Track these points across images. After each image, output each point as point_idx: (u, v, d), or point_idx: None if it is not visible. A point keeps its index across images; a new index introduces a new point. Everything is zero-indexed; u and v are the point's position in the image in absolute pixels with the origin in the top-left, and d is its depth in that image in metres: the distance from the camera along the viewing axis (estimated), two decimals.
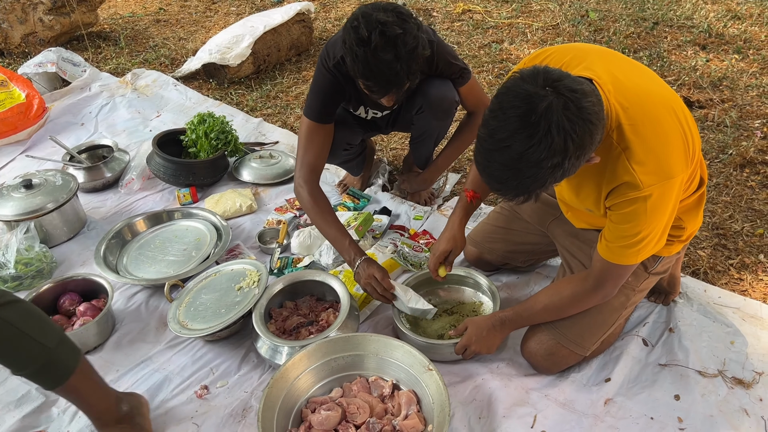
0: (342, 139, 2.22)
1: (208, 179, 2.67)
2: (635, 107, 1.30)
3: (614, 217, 1.39)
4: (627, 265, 1.47)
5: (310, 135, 2.01)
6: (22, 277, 2.14)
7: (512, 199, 1.26)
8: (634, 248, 1.40)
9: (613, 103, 1.29)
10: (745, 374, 1.70)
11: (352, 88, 2.00)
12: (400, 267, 2.15)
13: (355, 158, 2.48)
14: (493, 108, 1.18)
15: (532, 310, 1.68)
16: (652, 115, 1.31)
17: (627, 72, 1.37)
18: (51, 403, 1.74)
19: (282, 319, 1.90)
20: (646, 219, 1.33)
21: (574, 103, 1.13)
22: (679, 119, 1.34)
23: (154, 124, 3.26)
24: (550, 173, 1.17)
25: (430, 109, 2.10)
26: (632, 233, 1.37)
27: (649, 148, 1.29)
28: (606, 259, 1.46)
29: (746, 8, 4.21)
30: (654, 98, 1.35)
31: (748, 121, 2.93)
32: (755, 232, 2.25)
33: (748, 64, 3.46)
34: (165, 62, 4.02)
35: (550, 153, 1.13)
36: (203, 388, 1.77)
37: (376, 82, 1.71)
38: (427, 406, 1.57)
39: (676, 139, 1.32)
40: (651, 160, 1.29)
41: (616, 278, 1.52)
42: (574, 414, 1.63)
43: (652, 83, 1.40)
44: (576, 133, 1.13)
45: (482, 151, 1.21)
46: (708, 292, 1.97)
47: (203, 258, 2.19)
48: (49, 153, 2.93)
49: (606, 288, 1.55)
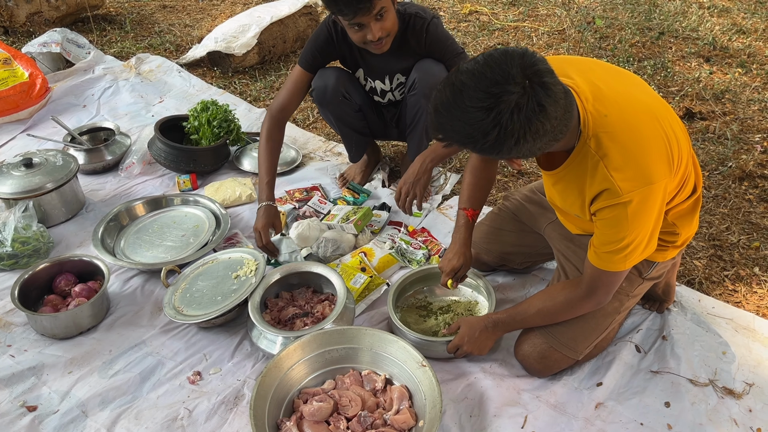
0: (343, 80, 2.26)
1: (209, 167, 2.66)
2: (614, 115, 1.32)
3: (599, 224, 1.40)
4: (617, 271, 1.47)
5: (294, 78, 2.20)
6: (19, 255, 2.13)
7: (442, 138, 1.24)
8: (621, 254, 1.40)
9: (590, 111, 1.31)
10: (736, 385, 1.71)
11: (347, 48, 2.16)
12: (397, 263, 2.15)
13: (354, 134, 2.46)
14: (471, 68, 1.16)
15: (526, 313, 1.68)
16: (632, 122, 1.33)
17: (608, 81, 1.39)
18: (42, 384, 1.74)
19: (278, 309, 1.90)
20: (629, 225, 1.34)
21: (540, 97, 1.12)
22: (663, 126, 1.35)
23: (157, 109, 3.25)
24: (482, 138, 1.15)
25: (420, 84, 2.14)
26: (617, 239, 1.38)
27: (628, 155, 1.30)
28: (595, 265, 1.47)
29: (752, 23, 4.23)
30: (635, 105, 1.36)
31: (749, 134, 2.94)
32: (751, 245, 2.26)
33: (751, 78, 3.48)
34: (170, 48, 4.01)
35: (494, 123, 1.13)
36: (196, 374, 1.77)
37: (339, 2, 1.82)
38: (419, 402, 1.58)
39: (657, 145, 1.33)
40: (630, 167, 1.30)
41: (607, 285, 1.53)
42: (564, 416, 1.64)
43: (636, 90, 1.42)
44: (531, 126, 1.13)
45: (443, 90, 1.19)
46: (702, 302, 1.98)
47: (201, 245, 2.19)
48: (50, 133, 2.92)
49: (598, 295, 1.55)
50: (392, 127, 2.48)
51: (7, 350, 1.84)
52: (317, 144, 2.93)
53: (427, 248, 2.21)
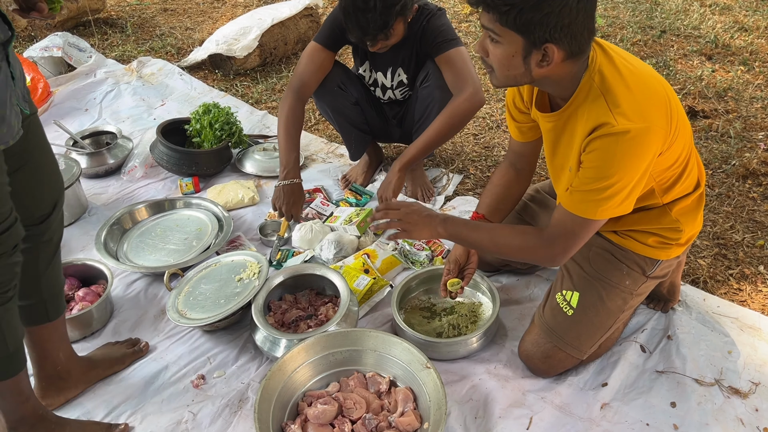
0: (339, 73, 2.29)
1: (211, 169, 2.66)
2: (622, 63, 1.35)
3: (586, 160, 1.35)
4: (586, 219, 1.39)
5: (312, 54, 2.18)
6: None
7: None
8: (599, 196, 1.34)
9: (599, 53, 1.35)
10: (742, 384, 1.70)
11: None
12: (400, 264, 2.15)
13: (353, 129, 2.44)
14: None
15: (479, 229, 1.57)
16: (638, 73, 1.36)
17: (618, 50, 1.42)
18: None
19: (281, 311, 1.90)
20: (617, 162, 1.30)
21: None
22: (667, 93, 1.38)
23: (159, 112, 3.25)
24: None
25: (434, 75, 2.12)
26: (601, 176, 1.32)
27: (630, 95, 1.31)
28: (565, 207, 1.41)
29: (753, 20, 4.22)
30: (645, 68, 1.39)
31: (752, 132, 2.93)
32: (756, 243, 2.25)
33: (754, 76, 3.47)
34: (171, 51, 4.02)
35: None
36: (200, 378, 1.76)
37: (350, 24, 1.91)
38: (423, 404, 1.57)
39: (659, 99, 1.35)
40: (630, 106, 1.30)
41: (569, 237, 1.43)
42: (570, 417, 1.63)
43: (645, 64, 1.44)
44: None
45: None
46: (707, 301, 1.97)
47: (204, 248, 2.19)
48: (52, 137, 2.86)
49: (555, 246, 1.45)
50: (394, 126, 2.47)
51: None
52: (319, 146, 2.93)
53: (431, 249, 2.20)
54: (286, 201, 2.10)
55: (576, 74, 1.35)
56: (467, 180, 2.67)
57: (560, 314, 1.67)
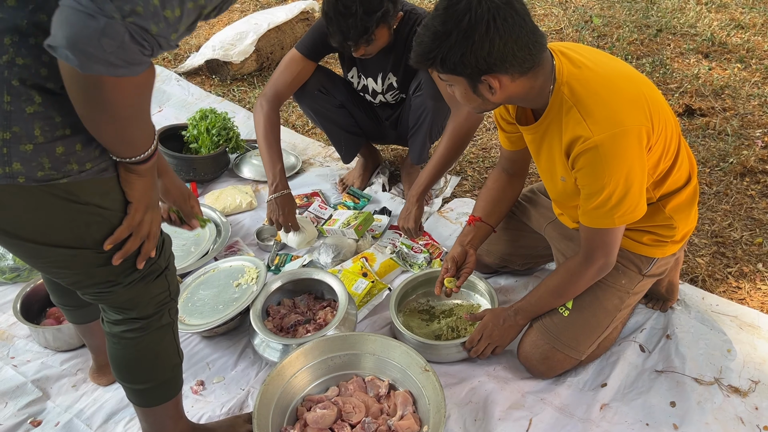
0: (320, 76, 2.28)
1: (209, 175, 2.66)
2: (587, 70, 1.38)
3: (578, 177, 1.41)
4: (608, 228, 1.45)
5: (289, 62, 2.17)
6: (20, 268, 2.13)
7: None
8: (605, 208, 1.39)
9: (564, 63, 1.37)
10: (741, 383, 1.70)
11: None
12: (398, 267, 2.15)
13: (342, 132, 2.44)
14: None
15: (538, 294, 1.68)
16: (606, 76, 1.39)
17: (589, 54, 1.43)
18: (45, 397, 1.74)
19: (279, 316, 1.90)
20: (604, 171, 1.34)
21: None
22: (641, 89, 1.39)
23: (156, 118, 3.24)
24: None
25: (427, 84, 2.12)
26: (597, 189, 1.37)
27: (599, 100, 1.34)
28: (586, 225, 1.48)
29: (749, 18, 4.22)
30: (613, 69, 1.42)
31: (749, 130, 2.93)
32: (754, 241, 2.25)
33: (751, 73, 3.47)
34: (168, 57, 4.02)
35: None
36: (199, 384, 1.76)
37: (331, 28, 1.90)
38: (422, 407, 1.57)
39: (630, 96, 1.36)
40: (600, 111, 1.33)
41: (602, 246, 1.50)
42: (569, 418, 1.63)
43: (619, 64, 1.46)
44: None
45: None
46: (706, 300, 1.97)
47: (202, 254, 2.19)
48: None
49: (596, 257, 1.53)
50: (389, 129, 2.47)
51: (10, 362, 1.84)
52: (317, 149, 2.93)
53: (429, 252, 2.20)
54: (281, 213, 2.10)
55: (541, 86, 1.37)
56: (465, 182, 2.67)
57: (557, 315, 1.67)
